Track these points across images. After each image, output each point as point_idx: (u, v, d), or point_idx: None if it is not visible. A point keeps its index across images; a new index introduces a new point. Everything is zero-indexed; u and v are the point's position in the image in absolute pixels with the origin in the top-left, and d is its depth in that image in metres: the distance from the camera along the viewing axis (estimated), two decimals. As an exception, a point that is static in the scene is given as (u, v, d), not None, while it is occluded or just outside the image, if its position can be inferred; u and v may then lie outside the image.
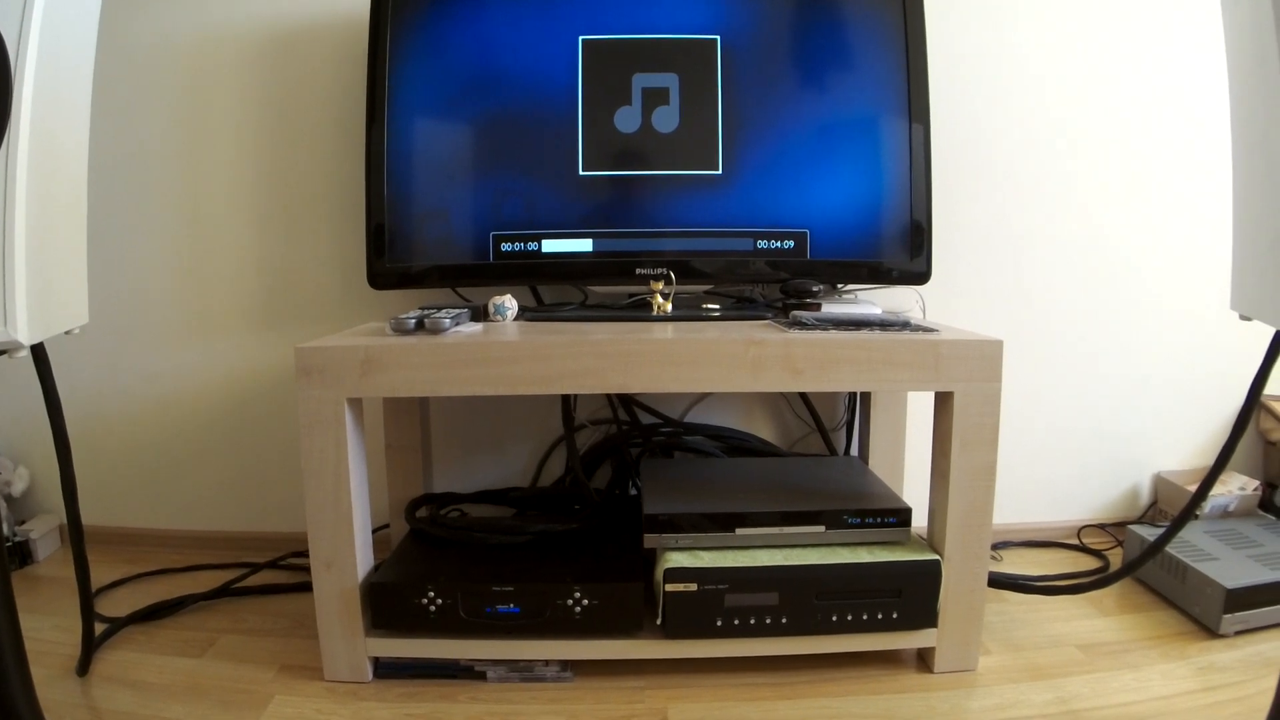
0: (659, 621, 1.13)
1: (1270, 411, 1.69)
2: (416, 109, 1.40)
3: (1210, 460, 1.74)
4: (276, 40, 1.61)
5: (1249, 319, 0.91)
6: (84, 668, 1.19)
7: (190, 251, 1.65)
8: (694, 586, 1.12)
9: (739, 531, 1.17)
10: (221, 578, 1.52)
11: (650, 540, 1.18)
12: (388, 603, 1.14)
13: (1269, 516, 1.58)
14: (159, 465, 1.72)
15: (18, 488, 1.67)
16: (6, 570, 0.92)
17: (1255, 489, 1.60)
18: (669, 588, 1.12)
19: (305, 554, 1.18)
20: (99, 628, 1.29)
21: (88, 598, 1.13)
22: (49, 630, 1.32)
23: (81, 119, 1.00)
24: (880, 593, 1.14)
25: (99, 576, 1.45)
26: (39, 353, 0.98)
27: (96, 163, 1.03)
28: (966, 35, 1.60)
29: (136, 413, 1.70)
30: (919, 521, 1.20)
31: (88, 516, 1.32)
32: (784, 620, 1.13)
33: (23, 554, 1.61)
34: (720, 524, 1.17)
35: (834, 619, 1.14)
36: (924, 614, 1.15)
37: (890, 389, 1.13)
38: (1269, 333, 0.91)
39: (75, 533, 1.07)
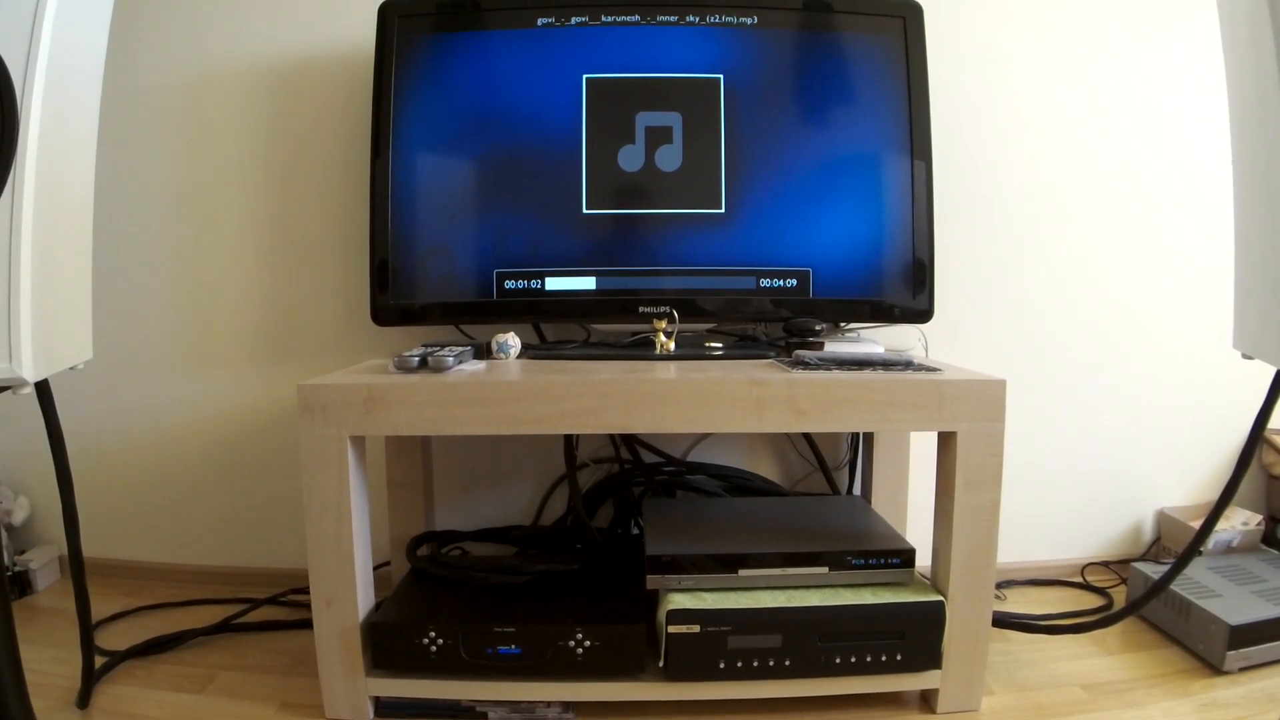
0: (661, 663, 1.12)
1: (1273, 446, 1.69)
2: (421, 145, 1.41)
3: (1213, 495, 1.73)
4: (280, 75, 1.62)
5: (1251, 357, 0.92)
6: (84, 700, 1.18)
7: (193, 285, 1.66)
8: (696, 628, 1.11)
9: (742, 573, 1.17)
10: (221, 613, 1.51)
11: (653, 581, 1.17)
12: (389, 642, 1.14)
13: (1272, 551, 1.57)
14: (158, 498, 1.71)
15: (18, 517, 1.67)
16: (7, 601, 0.92)
17: (1259, 524, 1.59)
18: (671, 629, 1.11)
19: (305, 590, 1.17)
20: (98, 661, 1.29)
21: (88, 631, 1.12)
22: (48, 662, 1.31)
23: (87, 154, 1.00)
24: (884, 634, 1.13)
25: (97, 609, 1.43)
26: (43, 388, 0.98)
27: (99, 197, 1.04)
28: (965, 77, 1.62)
29: (137, 445, 1.70)
30: (922, 561, 1.20)
31: (87, 548, 1.31)
32: (787, 662, 1.12)
33: (22, 584, 1.61)
34: (723, 565, 1.17)
35: (837, 661, 1.13)
36: (927, 655, 1.14)
37: (894, 429, 1.13)
38: (1270, 370, 0.91)
39: (77, 567, 1.07)
